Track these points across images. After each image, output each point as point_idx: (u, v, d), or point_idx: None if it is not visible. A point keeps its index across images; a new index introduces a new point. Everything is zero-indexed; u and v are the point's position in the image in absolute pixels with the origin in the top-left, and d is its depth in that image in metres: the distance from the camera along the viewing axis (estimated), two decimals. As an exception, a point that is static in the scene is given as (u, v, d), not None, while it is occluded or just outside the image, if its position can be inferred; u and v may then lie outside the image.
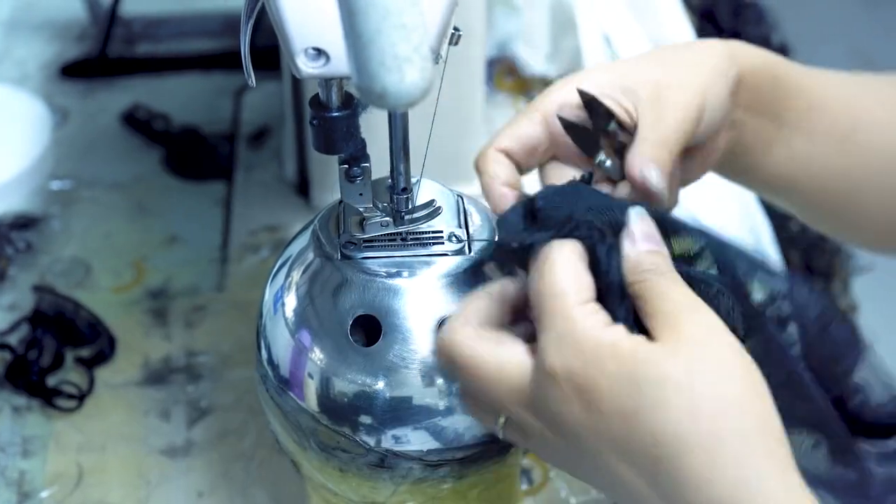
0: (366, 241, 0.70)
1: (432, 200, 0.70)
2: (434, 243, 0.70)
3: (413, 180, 0.70)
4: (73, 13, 1.35)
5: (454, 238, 0.70)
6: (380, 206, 0.69)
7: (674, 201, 0.72)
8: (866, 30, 2.81)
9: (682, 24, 1.25)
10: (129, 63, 1.32)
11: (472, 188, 0.72)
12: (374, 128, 0.68)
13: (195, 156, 1.20)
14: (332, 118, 0.64)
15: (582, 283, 0.58)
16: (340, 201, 0.71)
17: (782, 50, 1.51)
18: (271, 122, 1.23)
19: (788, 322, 0.62)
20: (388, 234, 0.70)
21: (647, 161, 0.66)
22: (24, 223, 1.11)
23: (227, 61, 1.31)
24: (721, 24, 1.54)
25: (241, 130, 1.23)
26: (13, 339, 0.99)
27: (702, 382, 0.55)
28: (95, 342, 0.99)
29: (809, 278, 1.33)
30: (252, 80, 0.65)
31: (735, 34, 1.50)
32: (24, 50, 1.33)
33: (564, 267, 0.58)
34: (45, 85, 1.28)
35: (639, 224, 0.60)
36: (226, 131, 1.23)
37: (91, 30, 1.34)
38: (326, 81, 0.63)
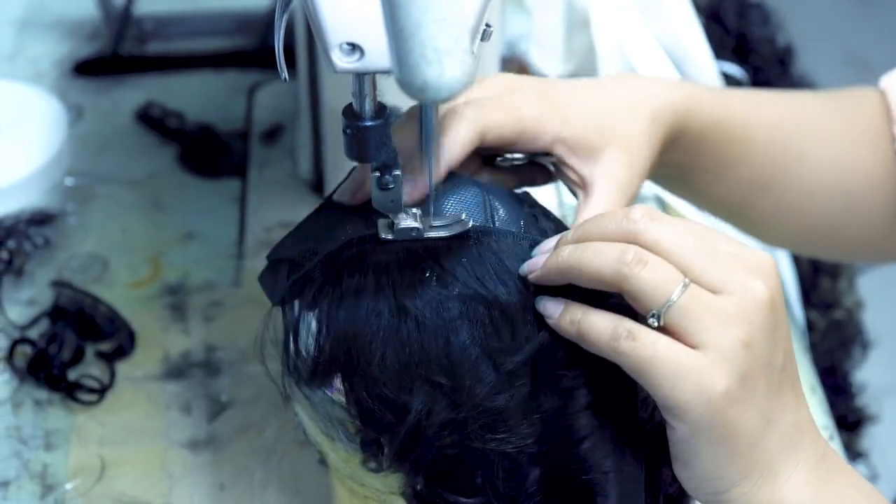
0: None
1: (460, 214, 0.70)
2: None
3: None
4: (86, 12, 1.36)
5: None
6: (409, 212, 0.69)
7: None
8: (861, 31, 2.84)
9: (691, 26, 1.26)
10: (142, 61, 1.33)
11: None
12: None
13: (209, 153, 1.20)
14: (365, 127, 0.65)
15: None
16: (367, 195, 0.72)
17: (788, 50, 1.52)
18: (284, 119, 1.24)
19: None
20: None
21: None
22: (41, 219, 1.12)
23: (239, 60, 1.32)
24: (727, 25, 1.54)
25: (254, 128, 1.24)
26: (34, 334, 1.00)
27: None
28: (115, 336, 1.00)
29: (816, 276, 1.34)
30: (285, 74, 0.66)
31: (741, 35, 1.50)
32: (37, 48, 1.34)
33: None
34: (58, 83, 1.29)
35: None
36: (239, 129, 1.23)
37: (103, 28, 1.35)
38: (360, 92, 0.64)
